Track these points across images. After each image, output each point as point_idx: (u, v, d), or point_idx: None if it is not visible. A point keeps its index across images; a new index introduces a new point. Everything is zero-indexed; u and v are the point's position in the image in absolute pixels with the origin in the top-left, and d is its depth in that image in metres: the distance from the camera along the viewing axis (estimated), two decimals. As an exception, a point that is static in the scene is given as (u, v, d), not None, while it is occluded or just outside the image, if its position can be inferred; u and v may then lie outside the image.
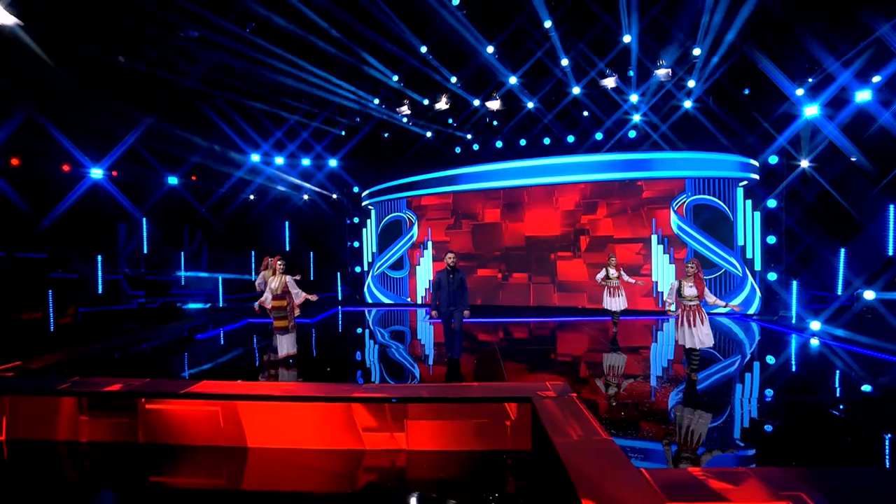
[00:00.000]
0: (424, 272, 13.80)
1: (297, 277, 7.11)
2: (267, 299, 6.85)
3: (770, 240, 10.23)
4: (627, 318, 10.14)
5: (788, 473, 3.27)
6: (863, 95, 7.98)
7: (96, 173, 9.45)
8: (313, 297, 7.11)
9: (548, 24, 8.63)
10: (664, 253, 11.28)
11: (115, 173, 9.74)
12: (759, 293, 10.48)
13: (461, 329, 6.90)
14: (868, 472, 3.57)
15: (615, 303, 8.57)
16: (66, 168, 9.03)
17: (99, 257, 9.74)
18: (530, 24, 9.08)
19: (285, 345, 6.89)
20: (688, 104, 10.46)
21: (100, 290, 9.67)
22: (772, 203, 10.15)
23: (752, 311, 10.53)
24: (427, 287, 13.72)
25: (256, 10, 8.40)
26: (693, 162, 10.92)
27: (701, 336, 5.73)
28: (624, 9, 8.30)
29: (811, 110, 8.77)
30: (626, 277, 8.56)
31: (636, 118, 11.19)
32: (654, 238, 11.37)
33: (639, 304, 11.28)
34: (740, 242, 10.66)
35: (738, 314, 10.49)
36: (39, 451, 4.76)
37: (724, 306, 6.03)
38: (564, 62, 9.81)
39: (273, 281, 6.89)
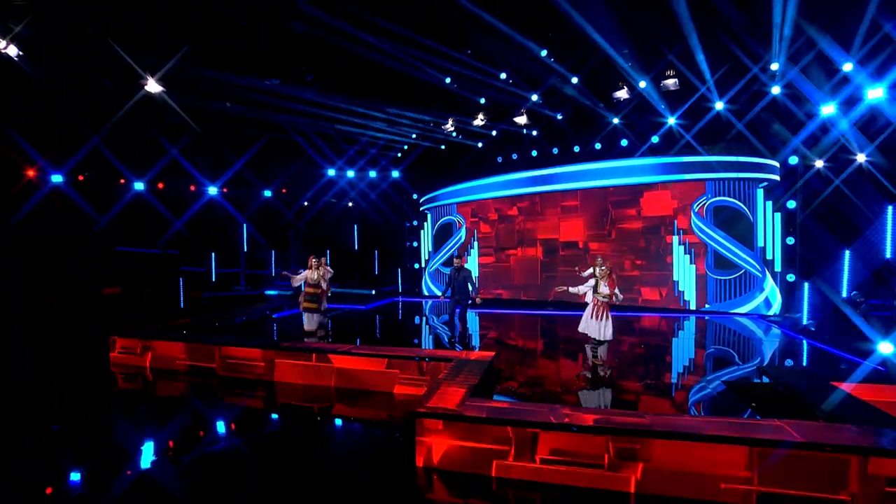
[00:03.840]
0: (471, 268, 14.70)
1: (331, 272, 8.63)
2: (293, 279, 8.23)
3: (789, 241, 9.51)
4: (640, 313, 10.14)
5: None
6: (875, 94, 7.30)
7: (212, 190, 12.00)
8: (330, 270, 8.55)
9: (544, 52, 9.19)
10: (685, 253, 10.95)
11: (225, 190, 12.18)
12: (779, 295, 9.79)
13: (465, 313, 8.15)
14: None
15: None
16: (192, 188, 11.66)
17: (213, 254, 12.31)
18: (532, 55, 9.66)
19: (312, 321, 8.29)
20: (719, 105, 10.08)
21: (213, 279, 12.25)
22: (791, 204, 9.43)
23: (771, 312, 9.86)
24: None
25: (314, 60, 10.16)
26: (718, 164, 10.47)
27: (606, 330, 6.26)
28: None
29: (828, 109, 8.14)
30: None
31: (671, 121, 10.99)
32: (675, 239, 11.08)
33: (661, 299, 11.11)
34: (760, 244, 10.02)
35: (757, 316, 9.90)
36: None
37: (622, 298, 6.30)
38: (574, 80, 10.17)
39: (313, 273, 8.45)
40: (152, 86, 8.59)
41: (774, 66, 8.36)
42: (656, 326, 9.78)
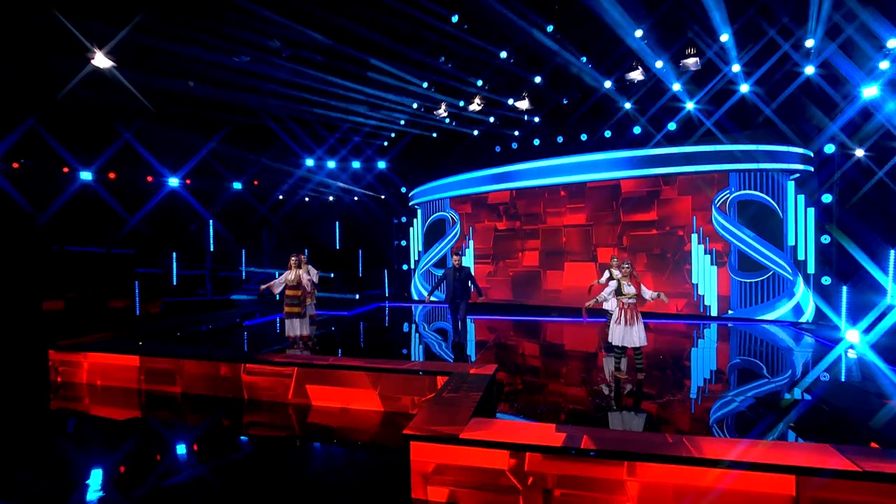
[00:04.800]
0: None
1: (316, 272, 8.35)
2: (274, 286, 8.05)
3: (824, 239, 9.38)
4: (655, 320, 9.98)
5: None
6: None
7: (173, 182, 11.61)
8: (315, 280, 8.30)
9: (550, 28, 8.98)
10: (705, 253, 10.79)
11: (188, 181, 11.80)
12: (812, 299, 9.65)
13: (465, 317, 7.96)
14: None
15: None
16: (149, 179, 11.26)
17: (174, 254, 11.94)
18: (536, 29, 9.43)
19: (297, 327, 8.15)
20: (745, 88, 9.91)
21: (174, 283, 11.88)
22: (827, 198, 9.29)
23: (803, 319, 9.72)
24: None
25: (291, 34, 9.84)
26: (743, 154, 10.33)
27: (638, 334, 5.97)
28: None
29: (870, 91, 7.98)
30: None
31: (689, 106, 10.82)
32: (693, 238, 10.92)
33: (670, 306, 10.96)
34: (791, 242, 9.89)
35: (787, 324, 9.75)
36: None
37: (658, 297, 6.01)
38: (584, 59, 9.96)
39: (290, 274, 8.17)
40: (101, 60, 8.19)
41: (809, 43, 8.21)
42: (674, 335, 9.60)
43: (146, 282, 11.32)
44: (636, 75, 10.32)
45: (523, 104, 11.99)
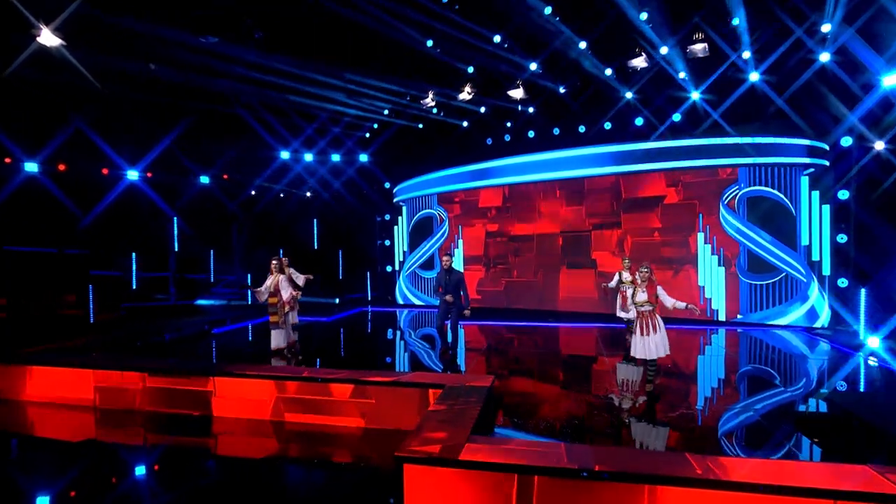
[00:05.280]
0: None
1: (291, 273, 8.10)
2: (259, 293, 7.88)
3: (841, 238, 9.40)
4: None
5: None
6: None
7: (132, 175, 11.22)
8: (296, 293, 8.07)
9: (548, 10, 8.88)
10: (712, 254, 10.79)
11: (149, 174, 11.43)
12: (826, 303, 9.68)
13: (456, 323, 7.77)
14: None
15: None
16: (105, 171, 10.85)
17: (133, 255, 11.54)
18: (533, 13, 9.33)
19: (276, 338, 7.93)
20: (754, 76, 9.88)
21: (134, 287, 11.49)
22: (843, 194, 9.32)
23: (818, 324, 9.75)
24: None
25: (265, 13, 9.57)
26: (752, 147, 10.33)
27: (652, 345, 5.81)
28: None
29: (890, 79, 8.00)
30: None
31: (694, 96, 10.79)
32: (700, 237, 10.91)
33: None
34: (804, 242, 9.91)
35: (801, 329, 9.77)
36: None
37: (685, 308, 5.87)
38: (583, 45, 9.89)
39: (270, 279, 7.95)
40: (47, 37, 7.82)
41: (825, 28, 8.21)
42: (680, 342, 9.49)
43: (102, 286, 10.91)
44: (639, 62, 10.29)
45: (518, 93, 11.88)
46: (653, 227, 11.57)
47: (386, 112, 13.60)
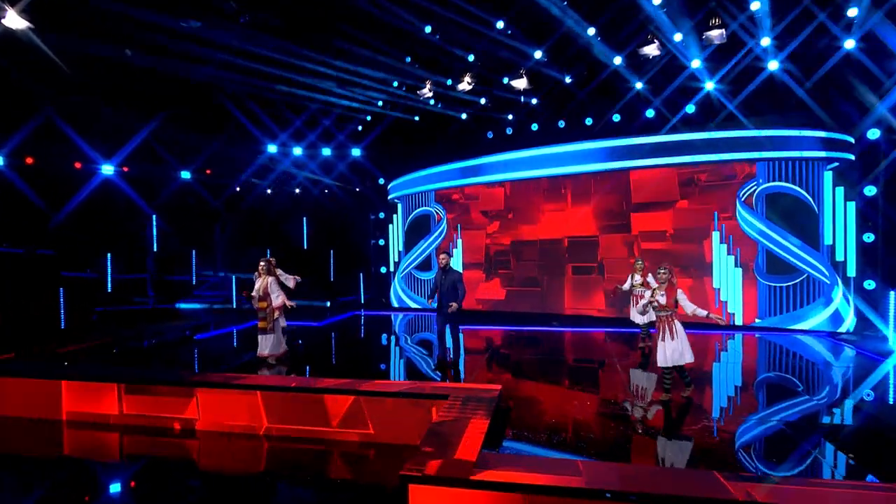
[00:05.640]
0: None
1: (279, 274, 7.97)
2: (253, 299, 7.73)
3: (867, 237, 9.30)
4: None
5: None
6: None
7: (107, 169, 10.98)
8: (290, 304, 7.90)
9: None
10: (728, 254, 10.70)
11: (125, 169, 11.20)
12: (852, 306, 9.59)
13: (456, 327, 7.60)
14: None
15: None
16: (77, 165, 10.60)
17: (108, 256, 11.29)
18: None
19: (264, 345, 7.76)
20: (773, 65, 9.77)
21: (109, 289, 11.25)
22: (870, 190, 9.22)
23: (842, 329, 9.65)
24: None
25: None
26: (772, 141, 10.25)
27: (669, 351, 5.72)
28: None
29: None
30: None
31: (709, 86, 10.67)
32: (715, 236, 10.81)
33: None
34: (828, 241, 9.82)
35: (825, 334, 9.67)
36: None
37: (706, 317, 5.78)
38: (591, 31, 9.77)
39: (256, 282, 7.77)
40: (14, 20, 7.57)
41: (852, 13, 8.10)
42: (697, 347, 9.38)
43: (73, 288, 10.66)
44: (651, 50, 10.13)
45: (521, 83, 11.72)
46: (664, 227, 11.45)
47: (380, 103, 13.42)
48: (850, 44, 8.65)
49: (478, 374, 7.65)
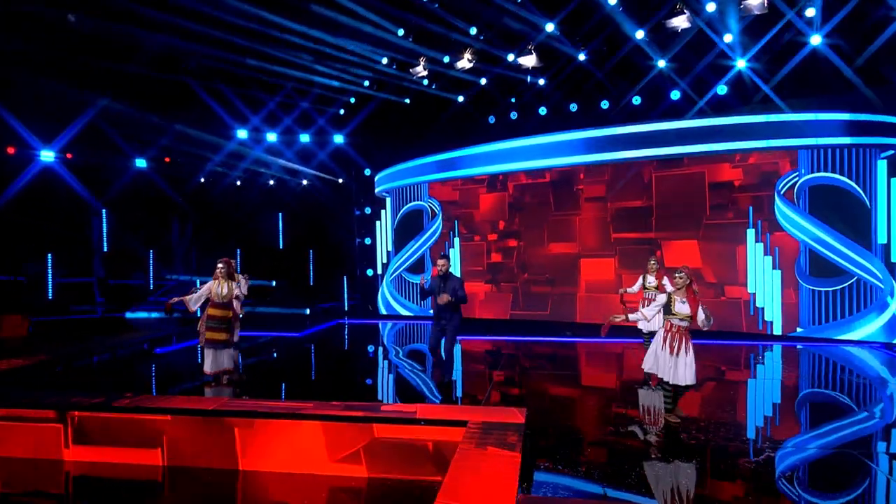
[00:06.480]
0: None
1: (246, 278, 7.63)
2: (191, 300, 7.21)
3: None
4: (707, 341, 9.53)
5: None
6: None
7: (46, 156, 10.47)
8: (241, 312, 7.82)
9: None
10: (765, 254, 10.51)
11: (69, 156, 10.74)
12: (909, 313, 9.40)
13: (453, 341, 7.21)
14: None
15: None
16: (10, 150, 10.09)
17: (49, 256, 10.80)
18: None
19: (223, 359, 7.39)
20: (816, 40, 9.56)
21: (50, 296, 10.75)
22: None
23: (897, 338, 9.47)
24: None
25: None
26: (815, 126, 10.08)
27: (683, 369, 5.58)
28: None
29: None
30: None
31: (741, 64, 10.45)
32: (750, 234, 10.61)
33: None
34: (882, 240, 9.62)
35: (879, 345, 9.49)
36: None
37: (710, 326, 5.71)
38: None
39: (220, 286, 7.32)
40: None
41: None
42: (729, 360, 9.24)
43: (5, 295, 10.12)
44: (681, 22, 9.83)
45: (530, 60, 11.36)
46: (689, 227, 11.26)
47: (367, 83, 13.03)
48: (908, 14, 8.44)
49: (488, 393, 7.26)
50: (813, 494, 4.35)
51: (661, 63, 11.02)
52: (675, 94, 11.30)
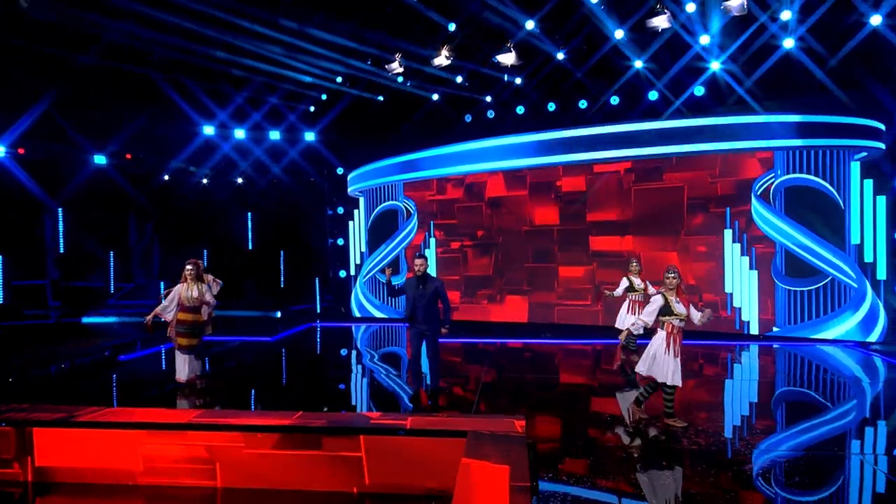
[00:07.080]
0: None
1: (218, 283, 7.39)
2: (164, 310, 7.05)
3: (900, 236, 9.34)
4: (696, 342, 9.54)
5: None
6: None
7: None
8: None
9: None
10: (742, 255, 10.62)
11: (21, 151, 10.17)
12: (883, 312, 9.59)
13: (437, 355, 7.00)
14: None
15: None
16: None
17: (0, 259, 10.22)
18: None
19: (192, 366, 7.20)
20: (789, 43, 9.68)
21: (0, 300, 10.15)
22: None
23: (871, 338, 9.65)
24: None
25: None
26: (786, 127, 10.23)
27: (675, 369, 5.62)
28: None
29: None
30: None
31: (715, 66, 10.53)
32: (727, 234, 10.72)
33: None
34: (855, 240, 9.81)
35: (853, 344, 9.68)
36: None
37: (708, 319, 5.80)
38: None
39: (189, 289, 7.08)
40: None
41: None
42: (705, 359, 9.32)
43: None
44: (661, 21, 9.83)
45: (508, 58, 11.23)
46: (670, 227, 11.30)
47: (339, 79, 12.71)
48: (876, 20, 8.57)
49: (480, 400, 7.05)
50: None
51: (639, 63, 11.05)
52: (653, 95, 11.35)
